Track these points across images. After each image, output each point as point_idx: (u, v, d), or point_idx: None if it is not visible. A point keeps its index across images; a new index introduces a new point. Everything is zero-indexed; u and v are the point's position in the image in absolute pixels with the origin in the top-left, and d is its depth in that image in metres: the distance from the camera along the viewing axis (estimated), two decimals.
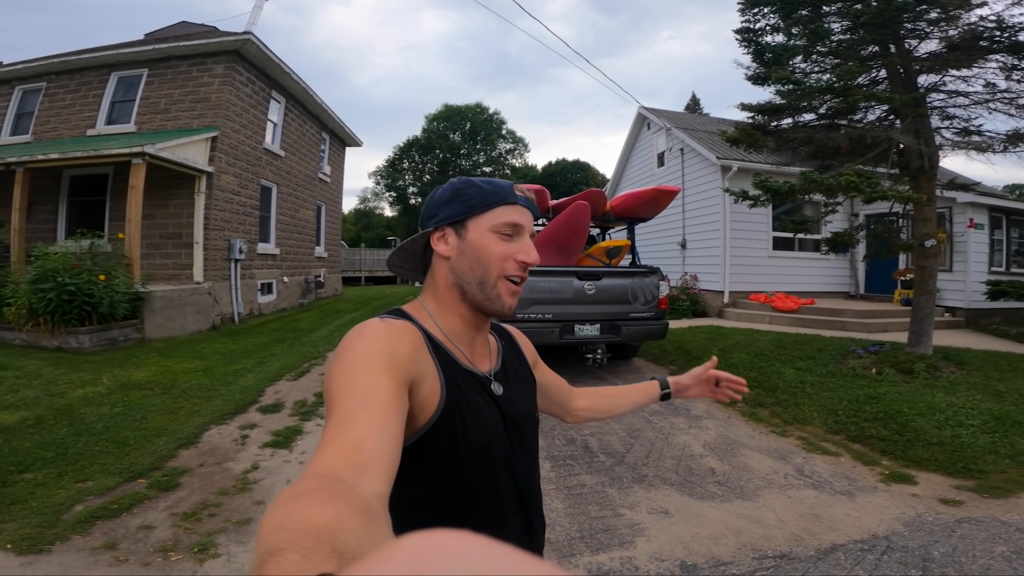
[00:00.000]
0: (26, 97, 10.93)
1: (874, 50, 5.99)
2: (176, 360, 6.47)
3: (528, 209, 0.87)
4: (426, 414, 0.75)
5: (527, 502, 0.88)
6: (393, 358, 0.69)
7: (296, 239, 13.59)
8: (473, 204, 0.84)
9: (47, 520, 2.69)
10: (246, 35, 9.86)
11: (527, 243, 0.86)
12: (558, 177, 40.86)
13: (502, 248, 0.84)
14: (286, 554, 0.31)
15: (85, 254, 7.17)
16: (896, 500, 3.06)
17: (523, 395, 0.94)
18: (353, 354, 0.69)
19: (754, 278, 10.82)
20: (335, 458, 0.52)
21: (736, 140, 6.86)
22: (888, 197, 5.54)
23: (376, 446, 0.56)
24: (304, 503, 0.38)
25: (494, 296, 0.84)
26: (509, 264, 0.84)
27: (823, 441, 4.09)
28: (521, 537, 0.87)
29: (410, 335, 0.77)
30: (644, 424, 4.48)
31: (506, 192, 0.85)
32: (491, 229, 0.84)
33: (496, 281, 0.84)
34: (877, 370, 5.70)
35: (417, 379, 0.73)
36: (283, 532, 0.34)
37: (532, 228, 0.88)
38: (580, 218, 5.63)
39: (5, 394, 4.73)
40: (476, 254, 0.83)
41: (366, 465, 0.52)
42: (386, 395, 0.63)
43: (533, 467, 0.94)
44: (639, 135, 15.27)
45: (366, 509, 0.41)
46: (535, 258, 0.85)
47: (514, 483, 0.86)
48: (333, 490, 0.42)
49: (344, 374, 0.65)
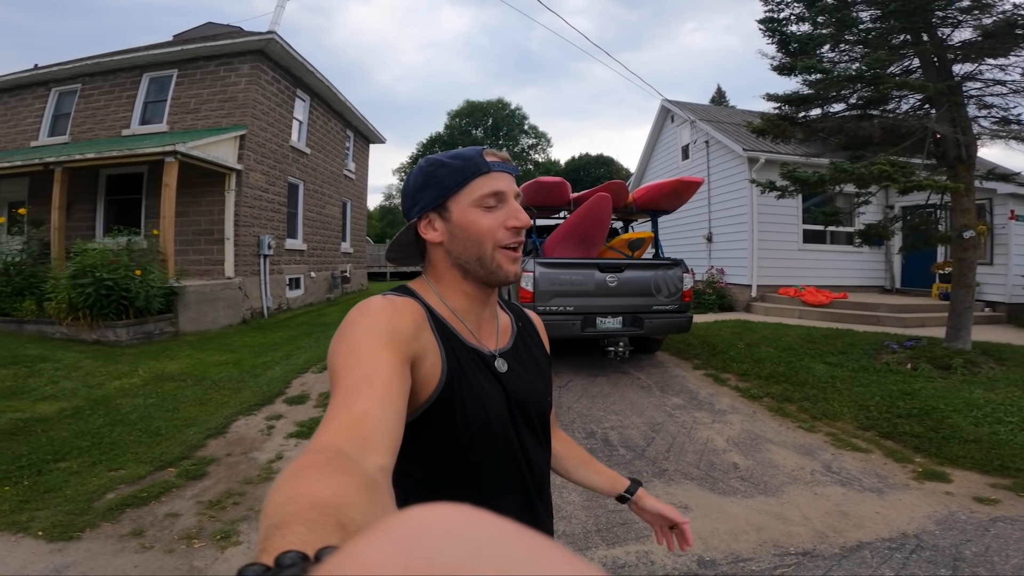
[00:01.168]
0: (62, 99, 11.32)
1: (905, 38, 5.76)
2: (208, 353, 6.66)
3: (505, 172, 0.84)
4: (427, 390, 0.75)
5: (528, 484, 0.87)
6: (395, 334, 0.69)
7: (323, 235, 13.83)
8: (448, 184, 0.82)
9: (79, 508, 2.79)
10: (270, 35, 10.04)
11: (513, 207, 0.84)
12: (582, 172, 40.55)
13: (490, 220, 0.82)
14: (292, 527, 0.31)
15: (122, 250, 7.42)
16: (928, 498, 2.95)
17: (533, 377, 0.92)
18: (356, 330, 0.69)
19: (783, 271, 10.56)
20: (339, 432, 0.53)
21: (762, 131, 6.69)
22: (924, 187, 5.32)
23: (379, 420, 0.56)
24: (309, 477, 0.39)
25: (495, 267, 0.83)
26: (501, 233, 0.82)
27: (853, 437, 3.97)
28: (522, 518, 0.86)
29: (412, 311, 0.77)
30: (666, 418, 4.43)
31: (477, 162, 0.82)
32: (473, 204, 0.82)
33: (493, 253, 0.82)
34: (913, 365, 5.51)
35: (419, 355, 0.73)
36: (289, 505, 0.34)
37: (515, 189, 0.85)
38: (601, 210, 5.56)
39: (45, 385, 4.94)
40: (465, 233, 0.82)
41: (369, 439, 0.53)
42: (388, 370, 0.63)
43: (540, 450, 0.92)
44: (663, 128, 15.03)
45: (370, 483, 0.42)
46: (525, 220, 0.84)
47: (515, 463, 0.85)
48: (337, 464, 0.42)
49: (346, 350, 0.66)
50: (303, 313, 11.21)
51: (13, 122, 11.51)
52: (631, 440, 3.94)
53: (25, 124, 11.38)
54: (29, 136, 11.26)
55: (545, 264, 5.52)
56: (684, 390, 5.30)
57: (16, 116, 11.51)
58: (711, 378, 5.75)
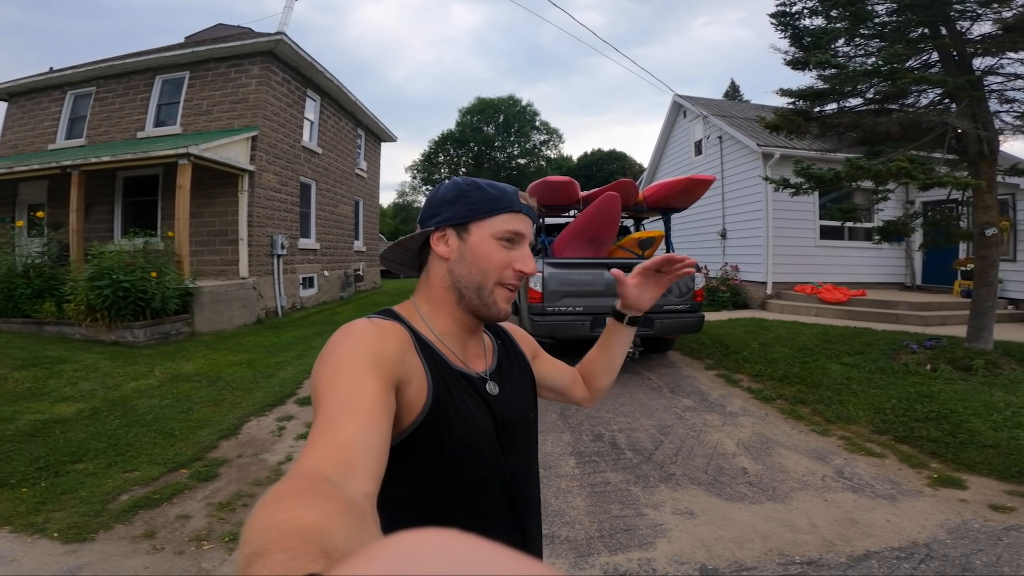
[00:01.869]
0: (78, 101, 11.49)
1: (923, 32, 5.61)
2: (222, 353, 6.76)
3: (530, 218, 0.88)
4: (412, 414, 0.75)
5: (517, 504, 0.87)
6: (379, 358, 0.69)
7: (335, 234, 13.94)
8: (478, 208, 0.84)
9: (94, 509, 2.86)
10: (278, 35, 10.11)
11: (526, 252, 0.86)
12: (594, 167, 40.30)
13: (503, 256, 0.84)
14: (273, 555, 0.30)
15: (138, 252, 7.54)
16: (942, 505, 2.89)
17: (518, 396, 0.93)
18: (339, 354, 0.68)
19: (800, 268, 10.40)
20: (322, 458, 0.52)
21: (776, 126, 6.57)
22: (944, 183, 5.19)
23: (363, 445, 0.55)
24: (291, 503, 0.38)
25: (491, 302, 0.84)
26: (508, 272, 0.84)
27: (868, 441, 3.90)
28: (512, 540, 0.85)
29: (397, 335, 0.76)
30: (676, 421, 4.39)
31: (511, 199, 0.85)
32: (494, 235, 0.84)
33: (493, 288, 0.84)
34: (932, 366, 5.39)
35: (404, 379, 0.72)
36: (270, 532, 0.33)
37: (531, 238, 0.88)
38: (610, 209, 5.52)
39: (64, 387, 5.06)
40: (476, 259, 0.83)
41: (353, 464, 0.52)
42: (372, 395, 0.62)
43: (527, 469, 0.91)
44: (675, 123, 14.87)
45: (353, 508, 0.41)
46: (532, 268, 0.86)
47: (503, 486, 0.84)
48: (320, 489, 0.41)
49: (330, 374, 0.65)
50: (317, 312, 11.32)
51: (31, 125, 11.72)
52: (639, 443, 3.91)
53: (42, 127, 11.58)
54: (47, 139, 11.46)
55: (554, 264, 5.50)
56: (695, 391, 5.25)
57: (33, 119, 11.71)
58: (723, 379, 5.68)
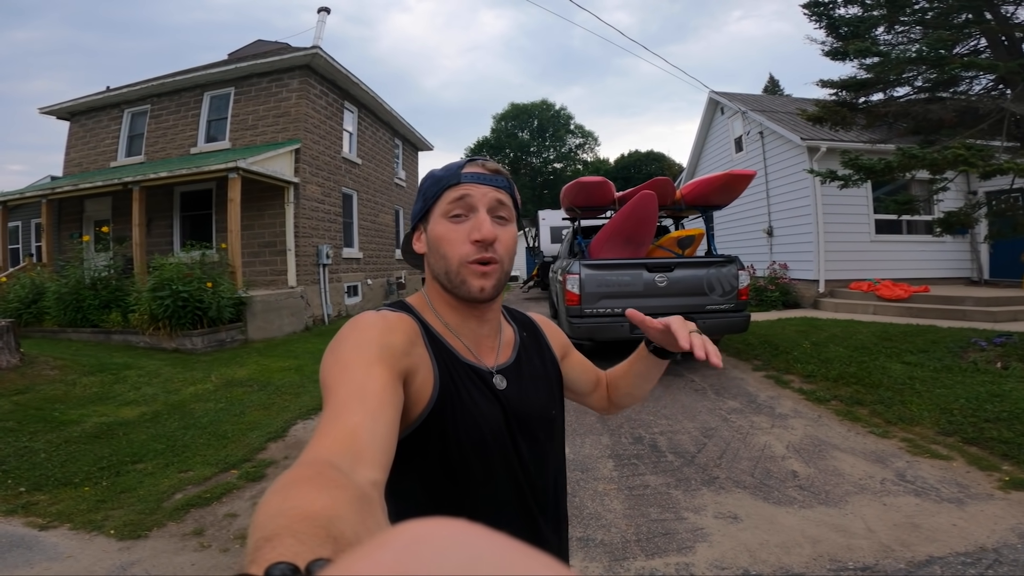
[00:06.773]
0: (135, 119, 12.17)
1: (967, 17, 5.28)
2: (273, 359, 7.02)
3: (480, 183, 0.80)
4: (419, 406, 0.75)
5: (528, 499, 0.84)
6: (386, 349, 0.69)
7: (377, 243, 14.28)
8: (428, 196, 0.83)
9: (149, 507, 3.01)
10: (314, 49, 10.46)
11: (480, 218, 0.79)
12: (632, 169, 39.73)
13: (456, 233, 0.79)
14: (282, 539, 0.31)
15: (195, 264, 7.97)
16: (1014, 509, 2.67)
17: (538, 391, 0.90)
18: (347, 345, 0.69)
19: (854, 265, 9.91)
20: (330, 446, 0.52)
21: (819, 118, 6.30)
22: (1006, 170, 4.85)
23: (371, 434, 0.56)
24: (300, 490, 0.38)
25: (459, 283, 0.80)
26: (465, 248, 0.79)
27: (933, 443, 3.65)
28: (520, 535, 0.84)
29: (404, 326, 0.76)
30: (720, 423, 4.25)
31: (452, 173, 0.81)
32: (442, 215, 0.81)
33: (458, 268, 0.80)
34: (1003, 364, 5.02)
35: (411, 371, 0.73)
36: (279, 518, 0.34)
37: (488, 199, 0.80)
38: (646, 208, 5.42)
39: (128, 391, 5.37)
40: (437, 246, 0.81)
41: (361, 452, 0.52)
42: (379, 385, 0.63)
43: (544, 465, 0.89)
44: (713, 121, 14.49)
45: (362, 496, 0.41)
46: (487, 231, 0.78)
47: (513, 479, 0.83)
48: (328, 477, 0.42)
49: (338, 365, 0.66)
50: None
51: (92, 143, 12.48)
52: (681, 446, 3.80)
53: (104, 145, 12.31)
54: (108, 157, 12.19)
55: (591, 266, 5.45)
56: (742, 393, 5.07)
57: (95, 138, 12.46)
58: (772, 380, 5.46)
